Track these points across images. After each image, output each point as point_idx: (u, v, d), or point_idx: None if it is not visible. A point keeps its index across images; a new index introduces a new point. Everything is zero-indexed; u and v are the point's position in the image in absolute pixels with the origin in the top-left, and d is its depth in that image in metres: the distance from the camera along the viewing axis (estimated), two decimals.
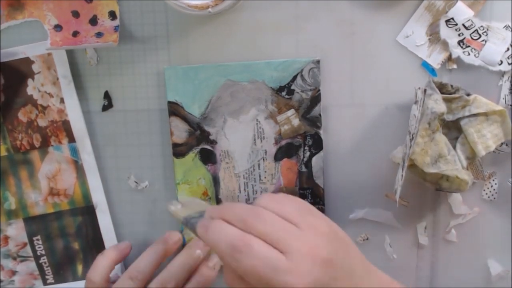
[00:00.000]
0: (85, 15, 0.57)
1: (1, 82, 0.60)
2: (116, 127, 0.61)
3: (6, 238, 0.64)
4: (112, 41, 0.57)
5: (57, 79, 0.60)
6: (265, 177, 0.59)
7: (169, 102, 0.59)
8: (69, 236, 0.63)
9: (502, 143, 0.57)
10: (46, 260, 0.64)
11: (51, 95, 0.60)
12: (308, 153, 0.58)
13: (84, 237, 0.63)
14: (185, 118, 0.59)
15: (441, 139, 0.55)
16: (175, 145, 0.59)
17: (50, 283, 0.65)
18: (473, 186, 0.59)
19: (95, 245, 0.63)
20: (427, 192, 0.60)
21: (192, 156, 0.59)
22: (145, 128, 0.61)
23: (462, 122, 0.56)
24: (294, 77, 0.57)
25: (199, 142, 0.59)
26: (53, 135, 0.61)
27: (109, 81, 0.60)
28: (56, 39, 0.57)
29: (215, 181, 0.60)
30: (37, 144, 0.61)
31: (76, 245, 0.64)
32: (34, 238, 0.63)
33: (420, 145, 0.54)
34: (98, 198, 0.62)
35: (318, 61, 0.57)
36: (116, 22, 0.58)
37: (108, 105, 0.61)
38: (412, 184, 0.60)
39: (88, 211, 0.63)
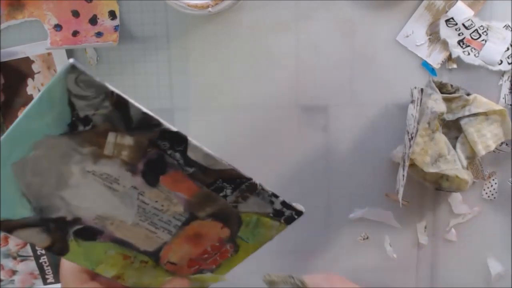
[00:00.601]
0: (85, 14, 0.57)
1: (1, 82, 0.60)
2: None
3: (7, 237, 0.64)
4: (112, 40, 0.57)
5: None
6: (162, 205, 0.47)
7: None
8: None
9: (502, 143, 0.57)
10: (46, 260, 0.64)
11: None
12: (177, 154, 0.45)
13: None
14: (25, 226, 0.46)
15: (441, 138, 0.55)
16: (48, 249, 0.48)
17: (50, 283, 0.65)
18: (473, 185, 0.59)
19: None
20: (427, 192, 0.60)
21: (75, 245, 0.48)
22: None
23: (462, 122, 0.56)
24: (71, 104, 0.41)
25: (64, 231, 0.47)
26: None
27: (109, 81, 0.60)
28: (56, 39, 0.57)
29: (122, 243, 0.49)
30: None
31: None
32: None
33: (420, 144, 0.54)
34: None
35: (73, 65, 0.39)
36: (116, 22, 0.58)
37: None
38: (412, 184, 0.60)
39: None
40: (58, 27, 0.58)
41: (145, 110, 0.42)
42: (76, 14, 0.57)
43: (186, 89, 0.60)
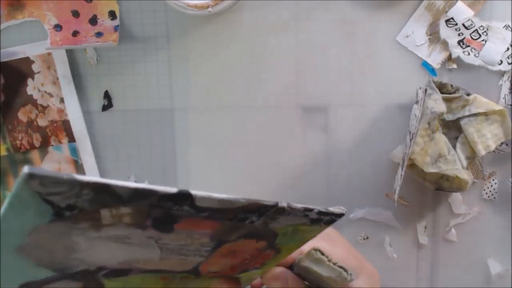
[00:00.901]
0: (85, 14, 0.57)
1: (1, 82, 0.60)
2: (116, 127, 0.61)
3: None
4: (112, 41, 0.57)
5: (57, 79, 0.60)
6: (186, 242, 0.44)
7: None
8: None
9: (502, 143, 0.57)
10: None
11: (51, 95, 0.60)
12: (185, 207, 0.40)
13: None
14: (51, 282, 0.44)
15: (441, 138, 0.55)
16: None
17: None
18: (473, 185, 0.59)
19: None
20: (427, 192, 0.60)
21: (109, 282, 0.46)
22: (145, 128, 0.61)
23: (462, 122, 0.56)
24: (46, 201, 0.37)
25: (93, 277, 0.45)
26: (53, 135, 0.61)
27: (109, 81, 0.60)
28: (56, 39, 0.57)
29: (155, 271, 0.46)
30: (37, 143, 0.61)
31: None
32: None
33: (419, 144, 0.54)
34: None
35: (30, 174, 0.34)
36: (116, 22, 0.58)
37: (108, 105, 0.61)
38: (412, 184, 0.60)
39: None
40: (58, 27, 0.58)
41: (133, 185, 0.37)
42: (76, 14, 0.57)
43: (186, 89, 0.60)
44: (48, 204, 0.36)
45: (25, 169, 0.33)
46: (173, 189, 0.38)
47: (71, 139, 0.61)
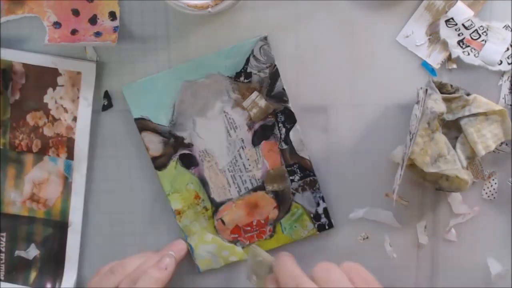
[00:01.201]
0: (85, 14, 0.57)
1: (22, 81, 0.60)
2: (116, 127, 0.61)
3: None
4: (111, 41, 0.57)
5: (78, 98, 0.60)
6: (249, 165, 0.59)
7: (136, 119, 0.59)
8: (34, 243, 0.63)
9: (502, 143, 0.57)
10: (3, 258, 0.64)
11: (66, 111, 0.60)
12: (283, 130, 0.58)
13: (48, 249, 0.63)
14: (155, 131, 0.59)
15: (441, 138, 0.55)
16: (154, 159, 0.59)
17: None
18: (473, 185, 0.59)
19: (56, 260, 0.63)
20: (427, 191, 0.60)
21: (173, 165, 0.59)
22: None
23: (462, 122, 0.56)
24: (247, 60, 0.57)
25: (176, 149, 0.59)
26: (53, 147, 0.61)
27: (109, 81, 0.60)
28: (54, 36, 0.57)
29: (203, 182, 0.60)
30: (35, 149, 0.61)
31: (37, 254, 0.64)
32: (0, 234, 0.63)
33: (419, 144, 0.54)
34: (75, 218, 0.62)
35: (265, 37, 0.57)
36: (116, 23, 0.58)
37: (108, 105, 0.61)
38: (412, 184, 0.60)
39: (61, 226, 0.63)
40: (57, 24, 0.58)
41: (284, 87, 0.58)
42: (76, 12, 0.57)
43: None
44: (245, 62, 0.58)
45: (265, 33, 0.57)
46: (293, 109, 0.58)
47: (70, 156, 0.61)
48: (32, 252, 0.63)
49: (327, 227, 0.61)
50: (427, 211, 0.61)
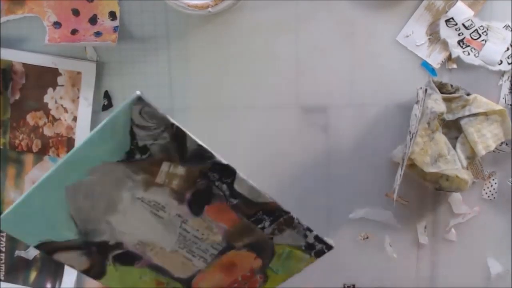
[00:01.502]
0: (85, 14, 0.57)
1: (22, 81, 0.60)
2: None
3: None
4: (111, 40, 0.57)
5: (78, 98, 0.60)
6: (202, 234, 0.50)
7: (38, 247, 0.48)
8: None
9: (502, 143, 0.57)
10: (3, 258, 0.64)
11: (66, 110, 0.60)
12: (224, 186, 0.47)
13: None
14: (68, 248, 0.49)
15: (441, 138, 0.55)
16: (86, 272, 0.51)
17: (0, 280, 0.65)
18: (473, 185, 0.59)
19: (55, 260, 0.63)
20: (427, 191, 0.60)
21: (112, 269, 0.51)
22: None
23: (462, 122, 0.56)
24: (131, 133, 0.44)
25: (105, 255, 0.50)
26: (53, 147, 0.61)
27: (109, 81, 0.60)
28: (54, 36, 0.57)
29: (158, 269, 0.51)
30: (35, 149, 0.61)
31: (36, 253, 0.64)
32: (0, 234, 0.64)
33: (419, 144, 0.54)
34: None
35: (139, 98, 0.43)
36: (116, 22, 0.58)
37: (108, 105, 0.61)
38: (412, 184, 0.60)
39: None
40: (57, 24, 0.58)
41: (200, 142, 0.45)
42: (76, 12, 0.57)
43: (186, 89, 0.60)
44: (131, 137, 0.43)
45: (137, 92, 0.41)
46: (224, 161, 0.46)
47: None
48: (32, 252, 0.63)
49: (326, 251, 0.53)
50: (427, 211, 0.61)
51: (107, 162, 0.45)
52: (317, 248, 0.52)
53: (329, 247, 0.53)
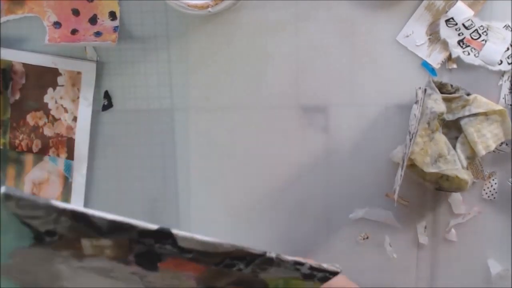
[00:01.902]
0: (85, 14, 0.57)
1: (22, 81, 0.60)
2: (116, 127, 0.61)
3: None
4: (111, 41, 0.57)
5: (78, 97, 0.60)
6: (172, 283, 0.43)
7: None
8: None
9: (502, 143, 0.57)
10: None
11: (66, 110, 0.60)
12: (167, 246, 0.39)
13: None
14: None
15: (441, 138, 0.55)
16: None
17: None
18: (473, 185, 0.59)
19: None
20: (427, 191, 0.60)
21: None
22: (145, 128, 0.61)
23: (462, 122, 0.56)
24: (25, 223, 0.37)
25: None
26: (53, 147, 0.61)
27: (109, 81, 0.60)
28: (54, 36, 0.57)
29: None
30: (35, 149, 0.61)
31: None
32: None
33: (419, 144, 0.54)
34: None
35: (6, 195, 0.34)
36: (116, 22, 0.58)
37: (108, 105, 0.61)
38: (412, 184, 0.60)
39: None
40: (57, 24, 0.58)
41: (110, 217, 0.36)
42: (76, 12, 0.57)
43: (186, 89, 0.60)
44: (28, 227, 0.36)
45: (2, 189, 0.33)
46: (153, 226, 0.37)
47: (70, 156, 0.61)
48: None
49: (331, 276, 0.44)
50: (427, 211, 0.61)
51: (20, 247, 0.38)
52: (319, 276, 0.43)
53: (334, 273, 0.43)
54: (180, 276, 0.42)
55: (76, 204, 0.62)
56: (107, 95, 0.61)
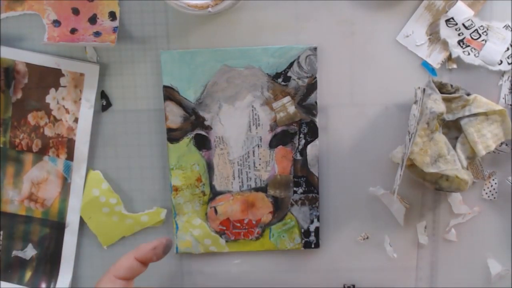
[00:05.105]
0: (85, 13, 0.57)
1: (24, 81, 0.60)
2: (116, 127, 0.61)
3: None
4: (110, 41, 0.57)
5: (80, 99, 0.60)
6: (259, 164, 0.59)
7: (165, 87, 0.58)
8: (31, 242, 0.63)
9: (502, 143, 0.57)
10: None
11: (67, 111, 0.60)
12: (303, 141, 0.58)
13: (45, 248, 0.63)
14: (180, 103, 0.58)
15: (441, 138, 0.55)
16: (169, 130, 0.59)
17: None
18: (473, 185, 0.59)
19: (51, 260, 0.63)
20: (427, 192, 0.61)
21: (186, 142, 0.59)
22: (145, 128, 0.61)
23: (462, 122, 0.56)
24: (291, 64, 0.57)
25: (194, 128, 0.59)
26: (53, 147, 0.61)
27: (108, 81, 0.60)
28: (53, 34, 0.57)
29: (209, 167, 0.59)
30: (35, 149, 0.61)
31: (33, 253, 0.63)
32: None
33: (419, 145, 0.54)
34: (73, 219, 0.62)
35: (315, 48, 0.57)
36: (116, 23, 0.57)
37: (107, 105, 0.61)
38: (412, 184, 0.60)
39: (58, 227, 0.62)
40: (56, 23, 0.58)
41: (318, 101, 0.57)
42: (76, 11, 0.57)
43: None
44: None
45: None
46: (318, 124, 0.59)
47: (70, 157, 0.61)
48: (29, 252, 0.63)
49: (313, 246, 0.61)
50: (427, 211, 0.61)
51: (261, 69, 0.57)
52: (310, 239, 0.60)
53: (317, 245, 0.60)
54: (269, 165, 0.59)
55: (74, 205, 0.62)
56: (104, 95, 0.60)
